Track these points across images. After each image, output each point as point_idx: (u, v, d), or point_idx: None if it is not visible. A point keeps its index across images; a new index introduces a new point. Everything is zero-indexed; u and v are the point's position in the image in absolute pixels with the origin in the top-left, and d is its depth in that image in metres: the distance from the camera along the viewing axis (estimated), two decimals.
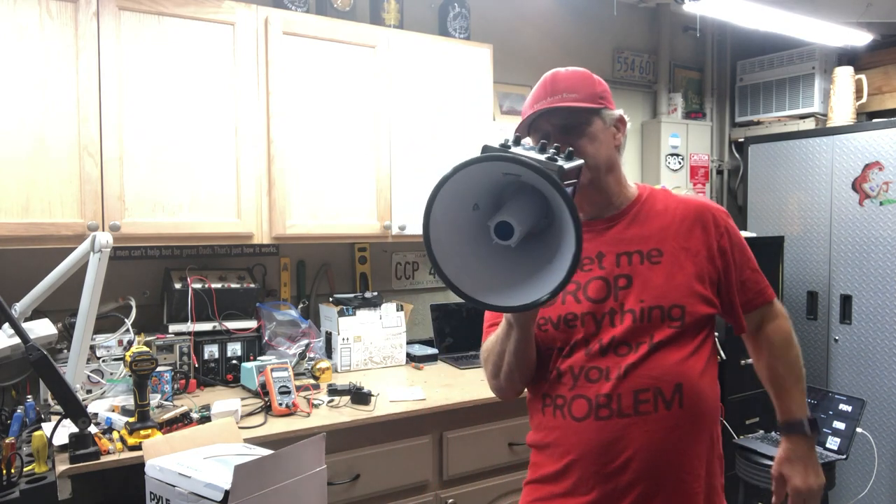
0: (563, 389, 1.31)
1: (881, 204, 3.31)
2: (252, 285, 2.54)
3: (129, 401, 2.01)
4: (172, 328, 2.39)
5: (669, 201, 1.41)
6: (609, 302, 1.31)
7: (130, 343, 2.26)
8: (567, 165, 1.07)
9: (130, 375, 1.89)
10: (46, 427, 1.76)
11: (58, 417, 1.70)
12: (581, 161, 1.17)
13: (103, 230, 2.06)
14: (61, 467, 1.67)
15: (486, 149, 1.05)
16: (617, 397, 1.26)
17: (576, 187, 1.14)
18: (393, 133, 2.61)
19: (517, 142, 1.09)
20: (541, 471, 1.37)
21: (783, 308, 1.51)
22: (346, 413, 2.13)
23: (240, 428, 1.93)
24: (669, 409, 1.26)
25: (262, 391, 2.17)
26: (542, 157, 1.05)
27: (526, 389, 1.42)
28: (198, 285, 2.40)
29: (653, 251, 1.33)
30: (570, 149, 1.13)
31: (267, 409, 2.11)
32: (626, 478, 1.26)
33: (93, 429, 1.75)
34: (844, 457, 2.81)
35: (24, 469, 1.70)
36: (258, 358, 2.44)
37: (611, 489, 1.26)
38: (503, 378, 1.35)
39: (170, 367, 2.28)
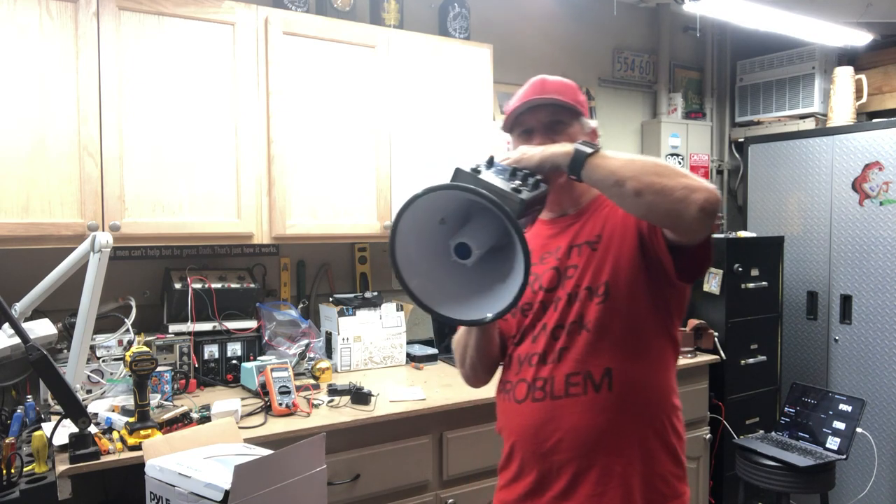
0: (511, 374, 1.42)
1: (881, 204, 3.31)
2: (252, 285, 2.54)
3: (129, 401, 2.01)
4: (172, 328, 2.39)
5: None
6: (557, 290, 1.39)
7: (130, 343, 2.26)
8: (529, 196, 1.12)
9: (130, 375, 1.89)
10: (46, 427, 1.76)
11: (58, 417, 1.70)
12: (545, 188, 1.21)
13: (103, 230, 2.06)
14: (61, 467, 1.67)
15: (457, 173, 1.12)
16: (551, 380, 1.34)
17: (537, 214, 1.20)
18: (393, 133, 2.61)
19: (490, 163, 1.16)
20: (500, 459, 1.46)
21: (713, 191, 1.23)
22: (346, 413, 2.13)
23: (240, 428, 1.93)
24: (598, 392, 1.31)
25: (262, 391, 2.17)
26: (508, 187, 1.11)
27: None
28: (198, 285, 2.40)
29: (595, 237, 1.39)
30: (539, 177, 1.18)
31: (267, 409, 2.11)
32: (558, 457, 1.33)
33: (93, 429, 1.75)
34: (844, 457, 2.81)
35: (24, 469, 1.70)
36: (258, 358, 2.44)
37: (547, 468, 1.34)
38: (468, 367, 1.50)
39: (170, 367, 2.28)
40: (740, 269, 3.21)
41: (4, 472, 1.60)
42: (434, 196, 1.09)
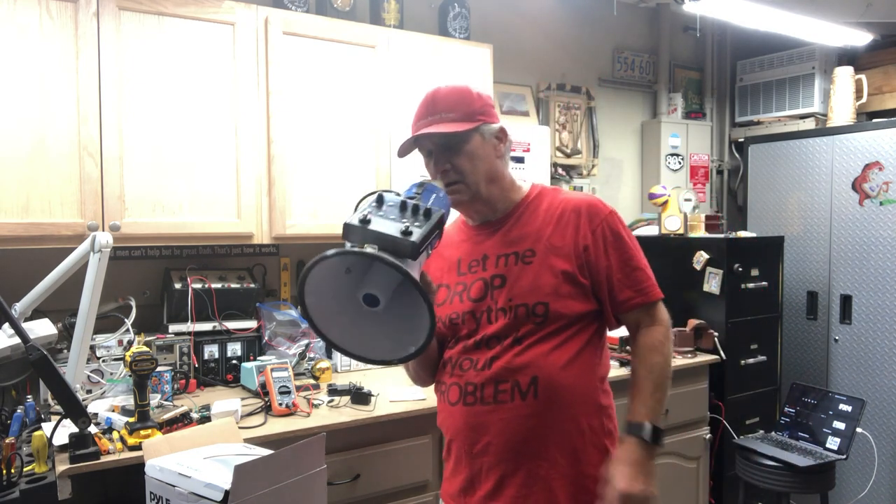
0: (445, 376, 1.48)
1: (881, 204, 3.31)
2: (252, 285, 2.54)
3: (129, 401, 2.01)
4: (172, 328, 2.39)
5: (554, 201, 1.47)
6: (486, 301, 1.43)
7: (130, 343, 2.26)
8: (421, 235, 1.15)
9: (130, 375, 1.88)
10: (46, 427, 1.76)
11: (58, 417, 1.70)
12: (439, 214, 1.23)
13: (103, 230, 2.06)
14: (61, 467, 1.67)
15: (346, 228, 1.17)
16: (481, 387, 1.40)
17: (437, 239, 1.24)
18: (393, 133, 2.61)
19: (380, 203, 1.20)
20: (443, 450, 1.54)
21: (665, 315, 1.48)
22: (346, 413, 2.13)
23: (240, 428, 1.93)
24: (525, 400, 1.37)
25: (262, 391, 2.17)
26: (398, 231, 1.14)
27: None
28: (198, 285, 2.40)
29: (527, 251, 1.42)
30: (429, 206, 1.22)
31: (267, 409, 2.11)
32: (487, 459, 1.40)
33: (93, 429, 1.75)
34: (844, 457, 2.81)
35: (24, 469, 1.70)
36: (258, 358, 2.44)
37: (476, 469, 1.43)
38: (413, 374, 1.58)
39: (170, 367, 2.28)
40: (740, 269, 3.21)
41: (4, 472, 1.60)
42: (329, 262, 1.14)
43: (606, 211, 1.45)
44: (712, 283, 3.20)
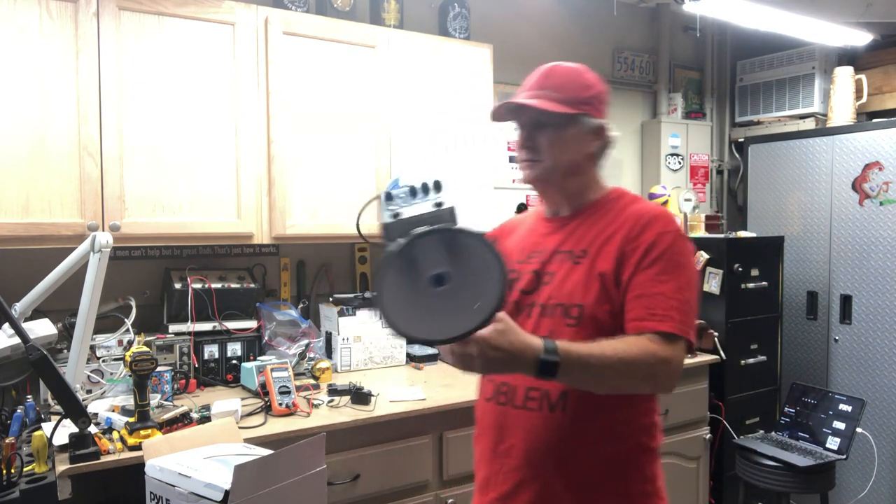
0: None
1: (881, 204, 3.31)
2: (252, 285, 2.54)
3: (129, 401, 2.01)
4: (172, 328, 2.39)
5: (626, 207, 1.38)
6: (532, 295, 1.38)
7: (130, 343, 2.26)
8: (451, 200, 1.18)
9: (130, 375, 1.88)
10: (46, 427, 1.76)
11: (58, 417, 1.70)
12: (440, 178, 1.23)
13: (103, 230, 2.06)
14: (61, 467, 1.67)
15: (384, 228, 1.19)
16: (513, 388, 1.35)
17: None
18: (393, 133, 2.61)
19: (390, 198, 1.21)
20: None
21: (678, 355, 1.24)
22: (346, 413, 2.13)
23: (240, 428, 1.93)
24: (553, 412, 1.30)
25: (262, 391, 2.17)
26: (431, 207, 1.17)
27: None
28: (198, 285, 2.40)
29: (580, 252, 1.36)
30: (436, 180, 1.21)
31: (267, 409, 2.11)
32: (508, 462, 1.36)
33: (93, 429, 1.75)
34: (844, 457, 2.81)
35: (24, 469, 1.70)
36: (258, 358, 2.44)
37: (496, 469, 1.38)
38: None
39: (170, 367, 2.28)
40: (740, 269, 3.21)
41: (4, 472, 1.60)
42: (396, 259, 1.13)
43: (668, 228, 1.31)
44: (712, 283, 3.20)
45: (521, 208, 3.11)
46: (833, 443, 2.86)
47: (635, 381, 1.23)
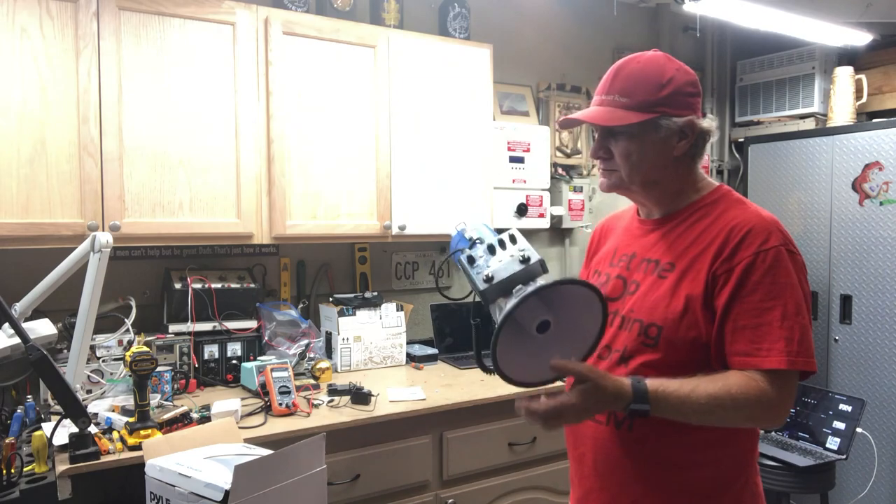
0: None
1: (881, 204, 3.31)
2: (252, 285, 2.54)
3: (129, 401, 2.01)
4: (172, 328, 2.39)
5: (725, 213, 1.24)
6: (616, 303, 1.31)
7: (130, 343, 2.26)
8: (536, 253, 1.18)
9: (130, 375, 1.89)
10: (46, 427, 1.77)
11: (58, 417, 1.70)
12: (515, 231, 1.23)
13: (103, 230, 2.06)
14: (61, 467, 1.67)
15: (482, 294, 1.18)
16: None
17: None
18: (393, 133, 2.61)
19: (472, 261, 1.22)
20: None
21: (782, 393, 1.13)
22: (346, 413, 2.13)
23: (240, 428, 1.93)
24: (619, 429, 1.26)
25: (262, 391, 2.17)
26: (518, 264, 1.17)
27: None
28: (198, 285, 2.40)
29: (667, 265, 1.25)
30: (511, 234, 1.22)
31: (267, 409, 2.11)
32: (583, 468, 1.36)
33: (93, 429, 1.75)
34: (844, 457, 2.81)
35: (24, 469, 1.70)
36: (258, 358, 2.44)
37: (576, 470, 1.39)
38: None
39: (170, 367, 2.28)
40: None
41: (4, 472, 1.60)
42: (511, 324, 1.13)
43: (768, 244, 1.16)
44: None
45: (522, 208, 3.11)
46: (833, 443, 2.86)
47: (735, 423, 1.18)
